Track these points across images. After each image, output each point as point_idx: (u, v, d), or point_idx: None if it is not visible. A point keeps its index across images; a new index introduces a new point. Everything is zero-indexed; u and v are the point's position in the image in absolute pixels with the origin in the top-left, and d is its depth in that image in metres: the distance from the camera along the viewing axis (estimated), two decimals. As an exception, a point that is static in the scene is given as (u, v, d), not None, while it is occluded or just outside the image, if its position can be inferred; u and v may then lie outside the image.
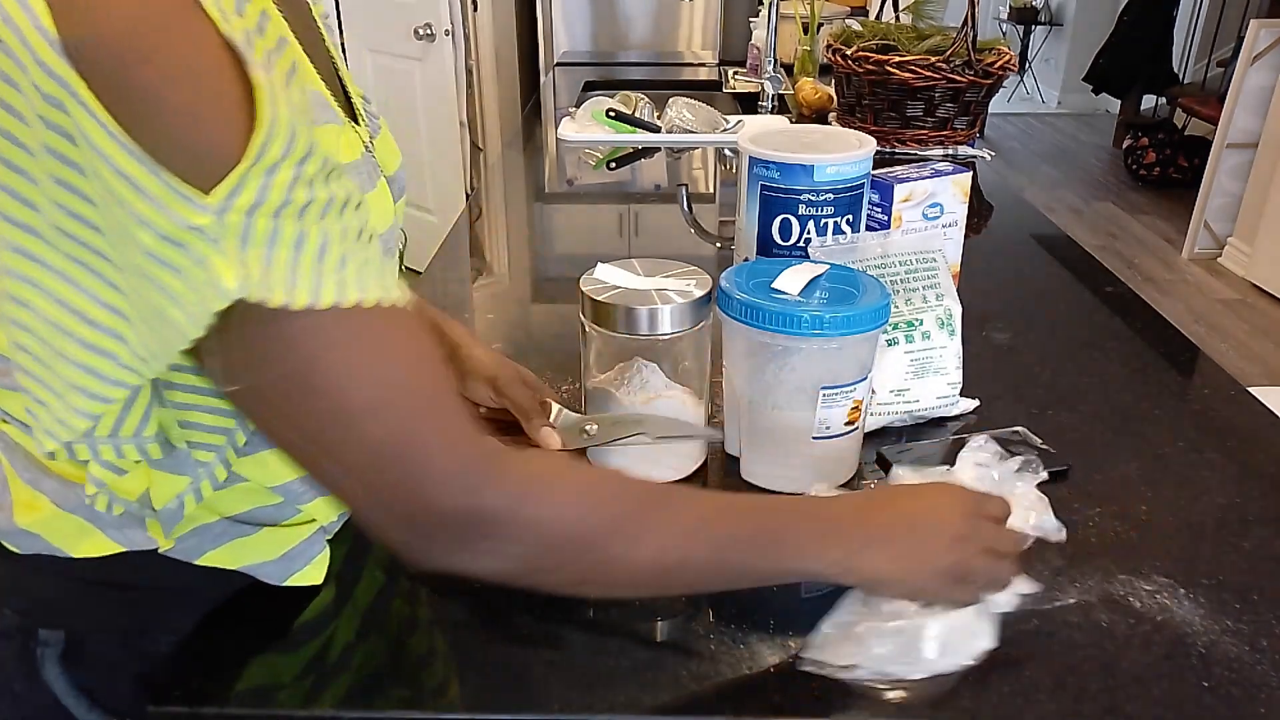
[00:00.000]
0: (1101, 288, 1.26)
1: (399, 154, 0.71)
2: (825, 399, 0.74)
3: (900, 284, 0.88)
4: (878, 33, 1.96)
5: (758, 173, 0.91)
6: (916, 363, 0.88)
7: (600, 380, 0.80)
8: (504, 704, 0.58)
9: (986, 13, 6.81)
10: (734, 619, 0.65)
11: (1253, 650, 0.62)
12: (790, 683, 0.60)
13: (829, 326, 0.71)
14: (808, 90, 2.17)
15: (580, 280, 0.77)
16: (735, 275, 0.77)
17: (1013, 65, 1.85)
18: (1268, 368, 3.18)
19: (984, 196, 1.68)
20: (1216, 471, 0.83)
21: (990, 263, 1.37)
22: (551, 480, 0.53)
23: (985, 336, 1.08)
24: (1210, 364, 1.05)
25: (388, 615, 0.66)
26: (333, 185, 0.45)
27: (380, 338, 0.48)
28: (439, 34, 3.17)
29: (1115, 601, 0.66)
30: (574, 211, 1.71)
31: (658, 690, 0.59)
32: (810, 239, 0.90)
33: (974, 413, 0.92)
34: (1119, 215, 4.68)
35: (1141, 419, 0.92)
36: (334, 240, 0.45)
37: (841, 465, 0.80)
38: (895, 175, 0.98)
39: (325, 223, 0.44)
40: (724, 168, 1.91)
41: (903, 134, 1.89)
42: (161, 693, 0.58)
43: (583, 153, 1.97)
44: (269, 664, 0.61)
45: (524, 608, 0.66)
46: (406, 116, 3.46)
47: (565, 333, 1.11)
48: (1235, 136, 3.84)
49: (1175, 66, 5.59)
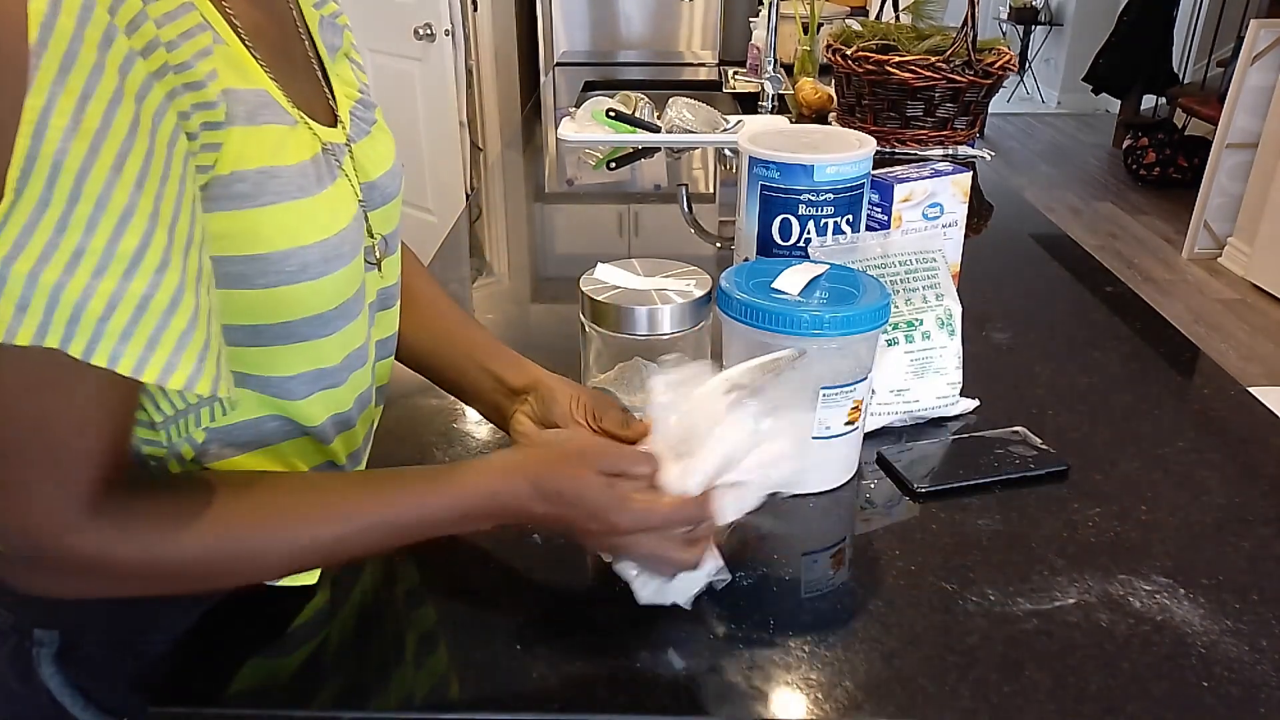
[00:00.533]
0: (1101, 288, 1.26)
1: (392, 159, 0.70)
2: (825, 399, 0.74)
3: (900, 284, 0.88)
4: (878, 33, 1.96)
5: (758, 173, 0.91)
6: (916, 363, 0.88)
7: (600, 380, 0.80)
8: (504, 704, 0.58)
9: (986, 13, 6.81)
10: (734, 619, 0.65)
11: (1253, 650, 0.62)
12: (790, 683, 0.60)
13: (829, 326, 0.71)
14: (808, 90, 2.17)
15: (580, 280, 0.77)
16: (735, 275, 0.77)
17: (1013, 65, 1.85)
18: (1268, 368, 3.18)
19: (984, 196, 1.68)
20: (1216, 471, 0.83)
21: (990, 263, 1.37)
22: (145, 517, 0.52)
23: (985, 336, 1.08)
24: (1210, 364, 1.05)
25: (386, 615, 0.66)
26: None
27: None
28: (439, 34, 3.17)
29: (1115, 601, 0.66)
30: (574, 211, 1.71)
31: (658, 690, 0.59)
32: (810, 239, 0.91)
33: (974, 413, 0.92)
34: (1119, 215, 4.68)
35: (1141, 419, 0.92)
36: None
37: (841, 465, 0.80)
38: (895, 175, 0.98)
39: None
40: (724, 168, 1.91)
41: (903, 134, 1.89)
42: (160, 692, 0.59)
43: (583, 153, 1.97)
44: (268, 664, 0.61)
45: (524, 609, 0.66)
46: (406, 116, 3.46)
47: (565, 333, 1.11)
48: (1235, 136, 3.84)
49: (1175, 66, 5.59)
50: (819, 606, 0.66)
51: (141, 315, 0.46)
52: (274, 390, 0.60)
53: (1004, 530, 0.74)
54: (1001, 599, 0.67)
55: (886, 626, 0.64)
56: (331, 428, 0.65)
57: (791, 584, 0.68)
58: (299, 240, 0.55)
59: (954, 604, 0.66)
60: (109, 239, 0.44)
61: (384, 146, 0.70)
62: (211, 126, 0.50)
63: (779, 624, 0.64)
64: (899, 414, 0.89)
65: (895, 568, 0.70)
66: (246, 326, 0.56)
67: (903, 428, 0.90)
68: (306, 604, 0.66)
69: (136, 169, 0.45)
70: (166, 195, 0.46)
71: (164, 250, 0.46)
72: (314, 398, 0.62)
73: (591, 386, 0.80)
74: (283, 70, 0.58)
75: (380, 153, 0.69)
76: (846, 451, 0.79)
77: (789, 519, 0.76)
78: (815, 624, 0.64)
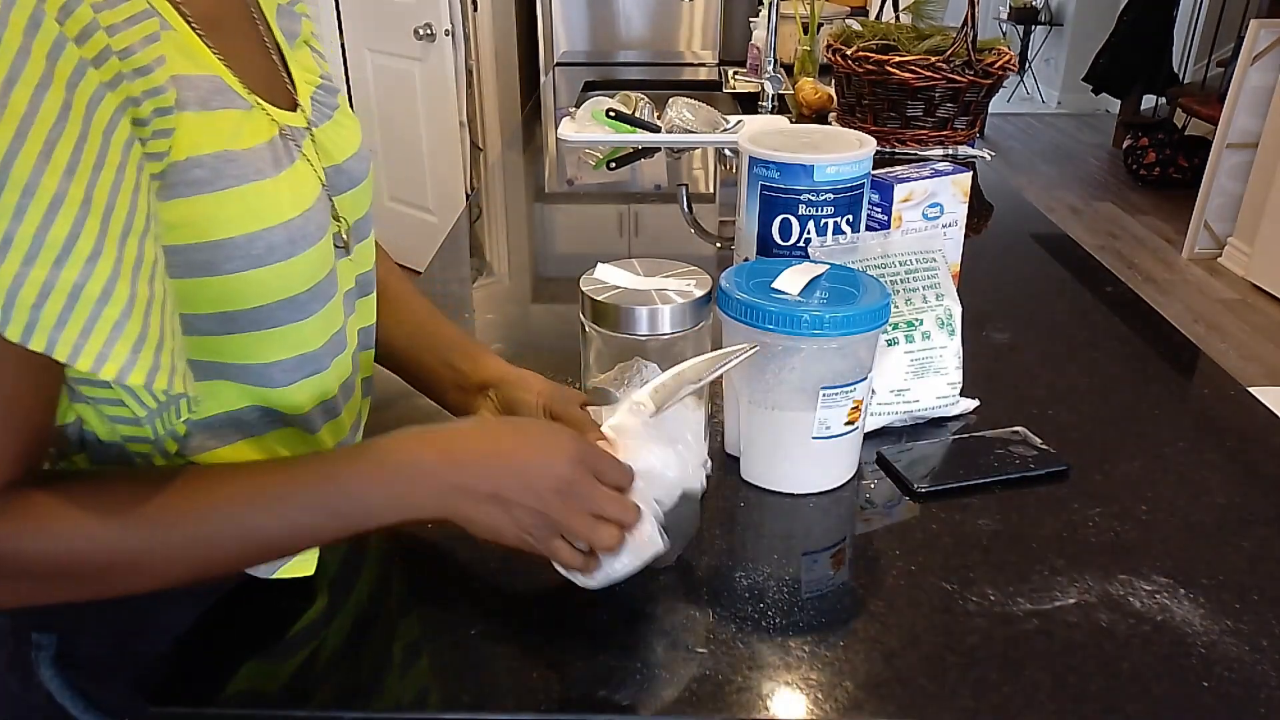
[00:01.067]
0: (1101, 288, 1.26)
1: (357, 144, 0.71)
2: (825, 399, 0.74)
3: (900, 284, 0.88)
4: (878, 33, 1.96)
5: (758, 173, 0.91)
6: (916, 363, 0.88)
7: (600, 380, 0.80)
8: (504, 704, 0.58)
9: (986, 13, 6.81)
10: (734, 619, 0.65)
11: (1253, 650, 0.62)
12: (790, 683, 0.60)
13: (829, 326, 0.71)
14: (808, 90, 2.17)
15: (580, 280, 0.77)
16: (735, 275, 0.77)
17: (1013, 65, 1.85)
18: (1268, 368, 3.18)
19: (984, 196, 1.68)
20: (1216, 471, 0.83)
21: (990, 263, 1.37)
22: (53, 510, 0.51)
23: (985, 336, 1.08)
24: (1210, 364, 1.05)
25: (386, 615, 0.66)
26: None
27: None
28: (439, 34, 3.17)
29: (1115, 601, 0.66)
30: (574, 211, 1.71)
31: (657, 690, 0.59)
32: (810, 239, 0.91)
33: (974, 413, 0.92)
34: (1119, 215, 4.68)
35: (1141, 419, 0.92)
36: None
37: (841, 465, 0.80)
38: (895, 175, 0.98)
39: None
40: (724, 168, 1.91)
41: (903, 134, 1.89)
42: (160, 693, 0.59)
43: (583, 153, 1.97)
44: (268, 664, 0.61)
45: (524, 609, 0.66)
46: (406, 116, 3.46)
47: (565, 333, 1.11)
48: (1235, 136, 3.84)
49: (1175, 66, 5.59)
50: (819, 606, 0.66)
51: (75, 304, 0.46)
52: (255, 378, 0.60)
53: (1004, 530, 0.74)
54: (1001, 599, 0.67)
55: (886, 626, 0.64)
56: (318, 416, 0.65)
57: (791, 584, 0.68)
58: (260, 223, 0.56)
59: (954, 604, 0.66)
60: (38, 226, 0.44)
61: (348, 131, 0.70)
62: (163, 112, 0.50)
63: (779, 624, 0.64)
64: (899, 414, 0.89)
65: (895, 568, 0.70)
66: (220, 314, 0.56)
67: (903, 428, 0.90)
68: (306, 604, 0.66)
69: (67, 156, 0.45)
70: (101, 182, 0.46)
71: (96, 238, 0.46)
72: (298, 385, 0.62)
73: (591, 386, 0.80)
74: (237, 56, 0.58)
75: (345, 137, 0.69)
76: (846, 451, 0.79)
77: (789, 519, 0.76)
78: (815, 624, 0.64)
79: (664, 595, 0.67)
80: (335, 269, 0.64)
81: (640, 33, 3.48)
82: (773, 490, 0.79)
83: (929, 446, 0.86)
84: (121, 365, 0.48)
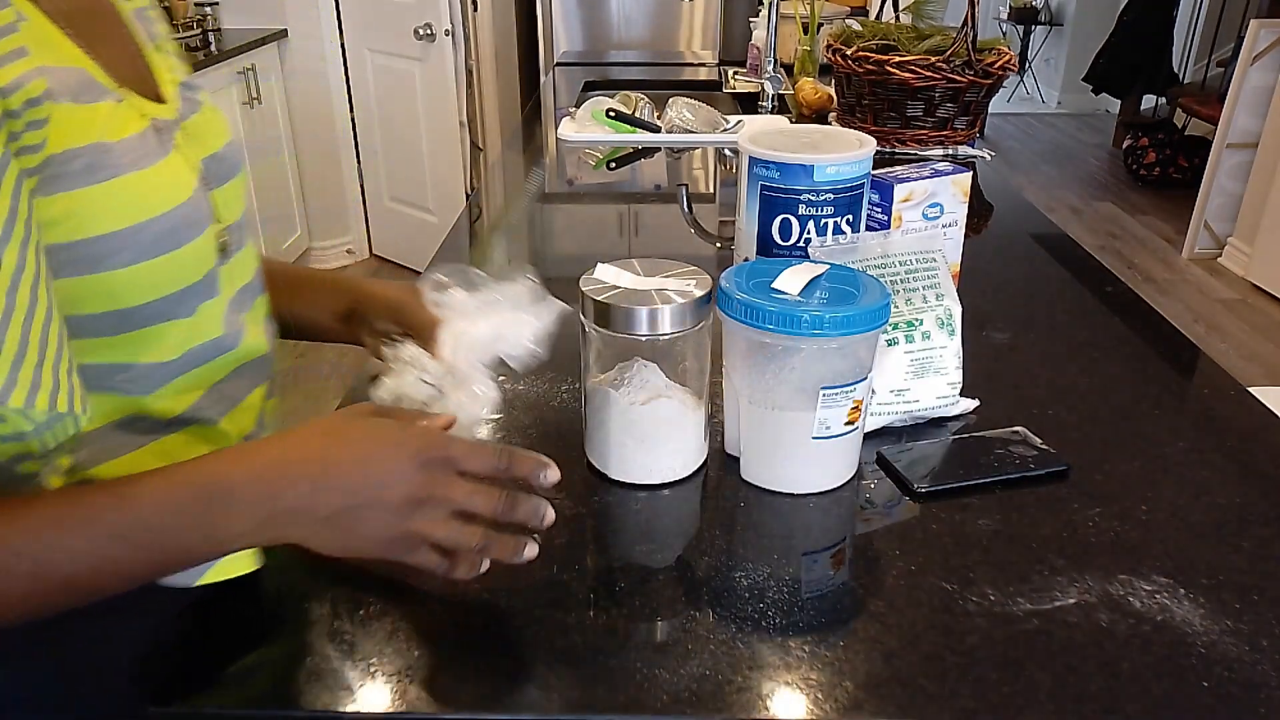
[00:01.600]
0: (1101, 288, 1.26)
1: (227, 135, 0.71)
2: (825, 399, 0.74)
3: (900, 284, 0.88)
4: (878, 33, 1.96)
5: (758, 173, 0.91)
6: (916, 363, 0.88)
7: (600, 380, 0.80)
8: (504, 704, 0.58)
9: (986, 13, 6.81)
10: (734, 619, 0.65)
11: (1253, 650, 0.62)
12: (790, 683, 0.60)
13: (829, 326, 0.71)
14: (808, 90, 2.17)
15: (580, 280, 0.77)
16: (735, 275, 0.77)
17: (1013, 65, 1.85)
18: (1268, 368, 3.19)
19: (984, 196, 1.68)
20: (1216, 471, 0.83)
21: (990, 263, 1.37)
22: None
23: (985, 336, 1.08)
24: (1210, 364, 1.05)
25: (386, 616, 0.66)
26: None
27: None
28: (439, 34, 3.17)
29: (1115, 601, 0.66)
30: (574, 211, 1.71)
31: (658, 690, 0.59)
32: (810, 239, 0.91)
33: (974, 413, 0.92)
34: (1119, 215, 4.68)
35: (1141, 419, 0.92)
36: None
37: (841, 465, 0.80)
38: (895, 175, 0.98)
39: None
40: (724, 168, 1.91)
41: (903, 134, 1.89)
42: (159, 693, 0.58)
43: (583, 153, 1.97)
44: (267, 664, 0.61)
45: (524, 609, 0.66)
46: (406, 116, 3.46)
47: (565, 333, 1.11)
48: (1235, 136, 3.84)
49: (1175, 66, 5.59)
50: (819, 606, 0.66)
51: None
52: (144, 383, 0.59)
53: (1004, 530, 0.74)
54: (1001, 599, 0.67)
55: (886, 626, 0.64)
56: (210, 408, 0.65)
57: (791, 584, 0.68)
58: (140, 215, 0.56)
59: (954, 604, 0.66)
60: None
61: (218, 122, 0.70)
62: (33, 103, 0.50)
63: (779, 624, 0.64)
64: (899, 414, 0.89)
65: (895, 568, 0.70)
66: (104, 314, 0.56)
67: (903, 428, 0.90)
68: (309, 603, 0.66)
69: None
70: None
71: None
72: (180, 380, 0.62)
73: (591, 387, 0.80)
74: (100, 50, 0.58)
75: (216, 127, 0.69)
76: (846, 451, 0.79)
77: (789, 519, 0.76)
78: (815, 624, 0.64)
79: (664, 595, 0.67)
80: (217, 271, 0.64)
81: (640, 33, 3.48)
82: (773, 490, 0.79)
83: (929, 446, 0.86)
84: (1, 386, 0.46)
